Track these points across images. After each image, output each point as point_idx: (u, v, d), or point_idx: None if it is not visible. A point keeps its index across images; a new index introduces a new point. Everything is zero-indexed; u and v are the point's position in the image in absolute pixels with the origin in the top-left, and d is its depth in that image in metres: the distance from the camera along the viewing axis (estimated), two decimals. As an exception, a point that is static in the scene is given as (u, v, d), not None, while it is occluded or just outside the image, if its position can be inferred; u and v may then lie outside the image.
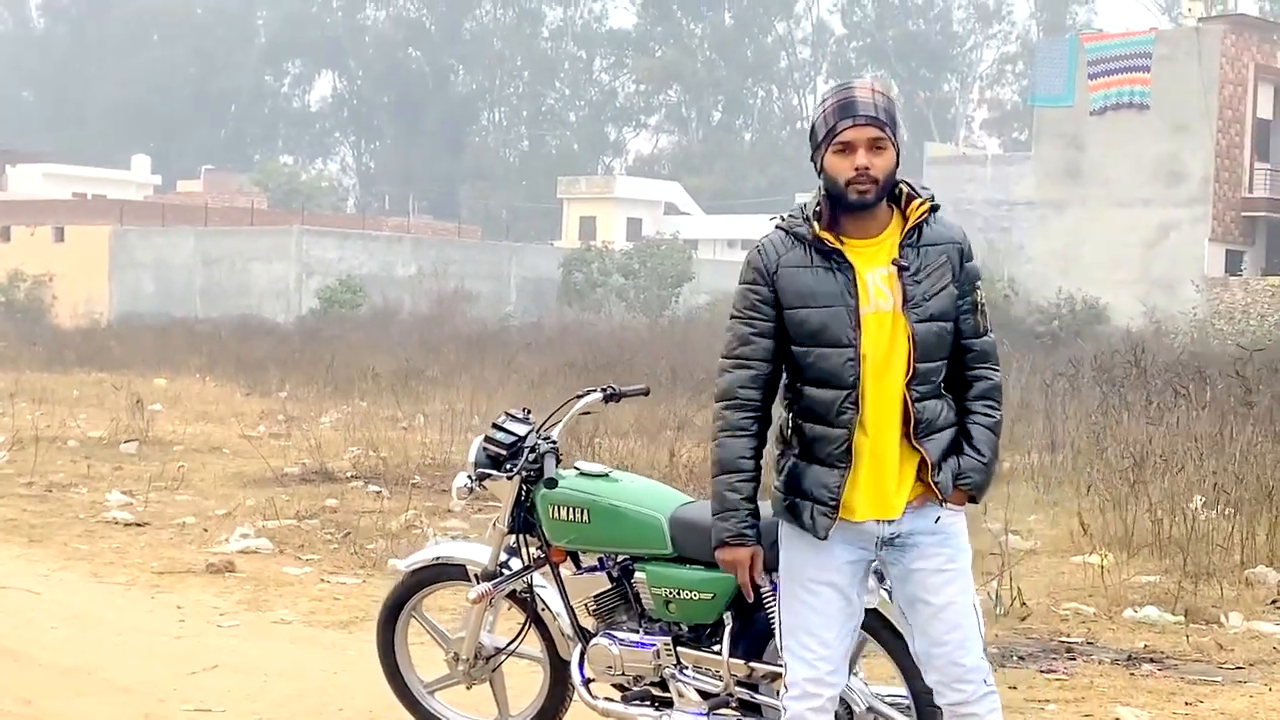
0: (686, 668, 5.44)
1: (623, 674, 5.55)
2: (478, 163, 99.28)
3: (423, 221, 77.14)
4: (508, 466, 5.66)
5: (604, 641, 5.56)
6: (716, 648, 5.43)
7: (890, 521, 4.34)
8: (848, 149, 4.20)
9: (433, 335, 35.67)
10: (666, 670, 5.46)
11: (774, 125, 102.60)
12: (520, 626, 5.92)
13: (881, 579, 4.72)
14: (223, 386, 26.00)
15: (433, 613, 6.41)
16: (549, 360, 26.38)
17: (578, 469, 5.68)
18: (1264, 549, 10.33)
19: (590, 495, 5.53)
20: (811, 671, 4.42)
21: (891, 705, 5.13)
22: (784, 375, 4.44)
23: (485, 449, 5.72)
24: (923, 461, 4.31)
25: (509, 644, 5.97)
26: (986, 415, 4.44)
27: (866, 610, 4.91)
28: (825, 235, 4.28)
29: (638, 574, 5.49)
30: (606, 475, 5.63)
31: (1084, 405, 16.39)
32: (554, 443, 5.64)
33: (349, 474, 14.81)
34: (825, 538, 4.31)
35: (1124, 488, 12.28)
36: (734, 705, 5.33)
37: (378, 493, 13.61)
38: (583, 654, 5.71)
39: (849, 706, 5.11)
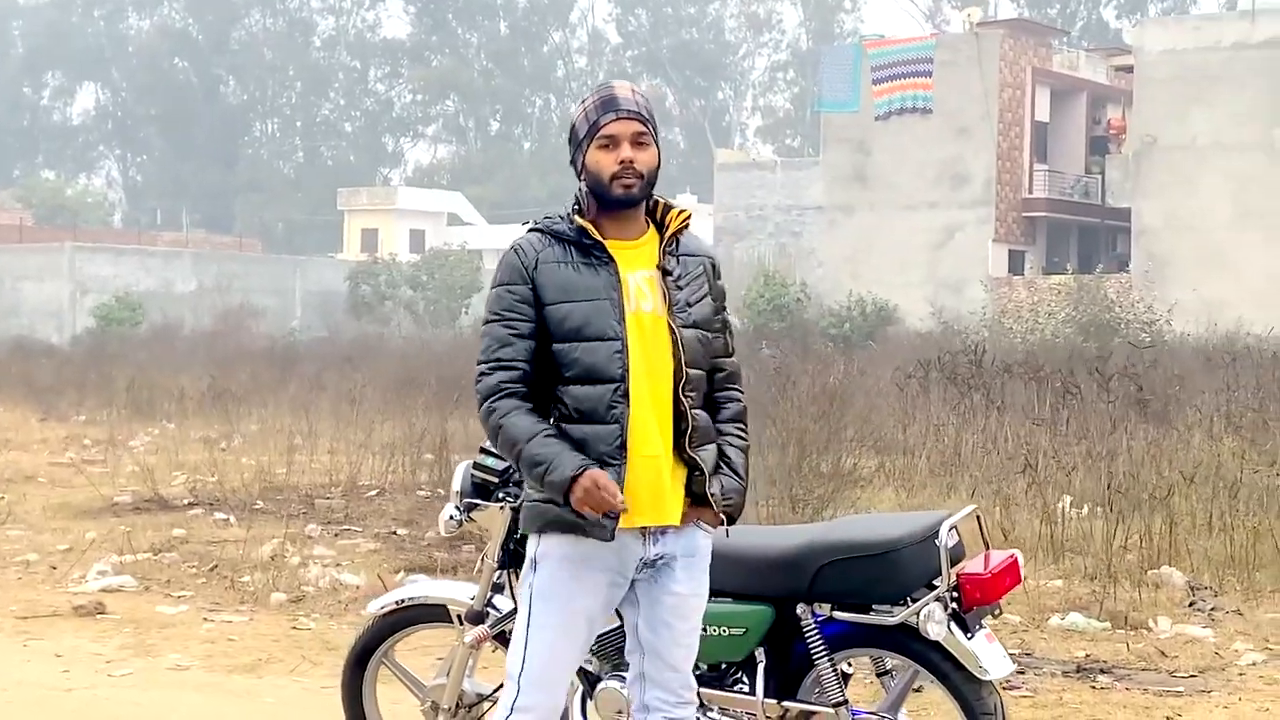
0: (710, 710, 5.01)
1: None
2: (252, 175, 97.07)
3: (199, 235, 75.15)
4: (500, 495, 5.16)
5: (613, 684, 5.10)
6: (741, 686, 5.03)
7: (659, 536, 4.19)
8: (611, 143, 4.14)
9: (219, 352, 34.68)
10: (690, 714, 5.01)
11: (553, 134, 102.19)
12: (508, 670, 5.41)
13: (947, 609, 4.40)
14: (13, 411, 24.70)
15: (404, 658, 5.86)
16: (357, 376, 25.67)
17: None
18: (1160, 549, 10.27)
19: (597, 524, 5.06)
20: (544, 698, 4.25)
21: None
22: (543, 381, 4.20)
23: (473, 476, 5.21)
24: (690, 474, 4.19)
25: (496, 690, 5.46)
26: (739, 438, 4.37)
27: (927, 644, 4.58)
28: (587, 225, 4.17)
29: (653, 608, 5.04)
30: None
31: (934, 407, 16.31)
32: (555, 468, 5.14)
33: (186, 501, 14.04)
34: (612, 539, 4.07)
35: (1003, 490, 12.24)
36: (769, 749, 4.92)
37: (225, 520, 12.91)
38: (584, 698, 5.25)
39: (901, 750, 4.74)
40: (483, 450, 5.21)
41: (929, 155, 47.15)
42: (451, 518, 5.22)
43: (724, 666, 5.06)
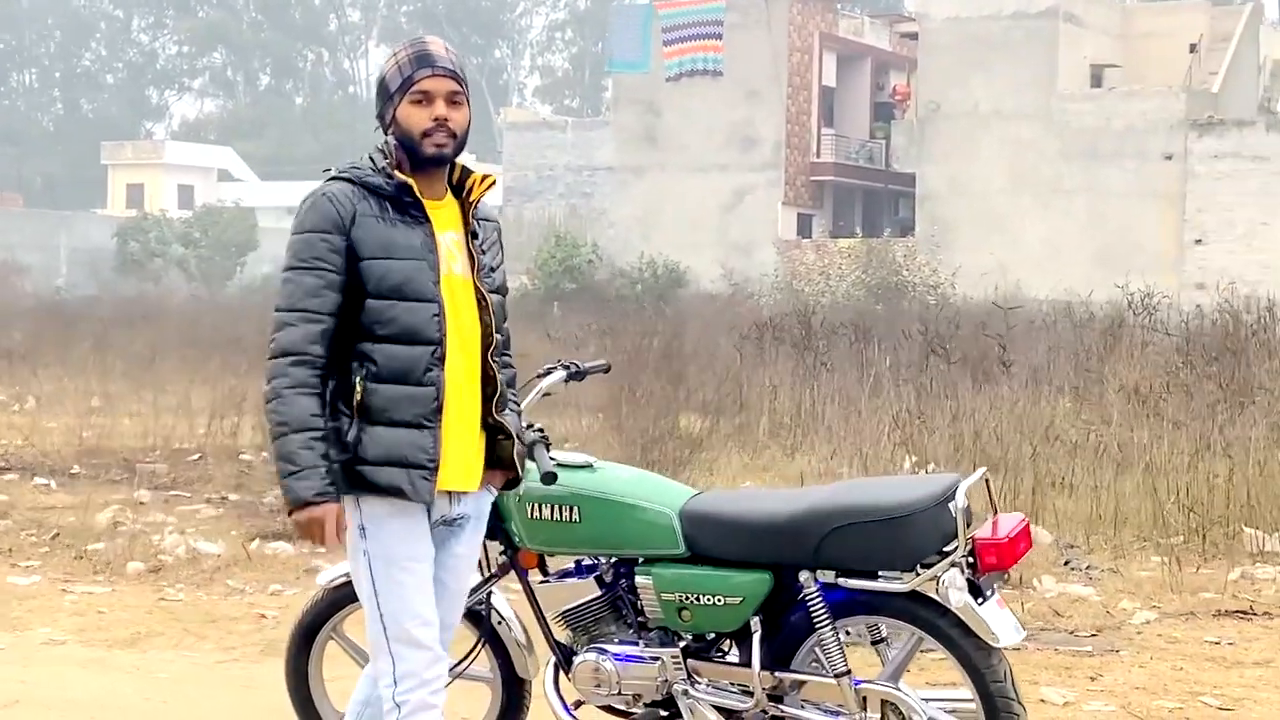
0: (699, 682, 4.79)
1: (619, 693, 4.84)
2: (8, 127, 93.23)
3: (-46, 189, 72.11)
4: None
5: (594, 657, 4.84)
6: (730, 658, 4.82)
7: (461, 498, 4.17)
8: (425, 99, 4.04)
9: (-18, 310, 33.22)
10: (676, 687, 4.78)
11: (326, 90, 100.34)
12: (474, 644, 5.11)
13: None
14: None
15: (355, 633, 5.51)
16: (145, 336, 24.85)
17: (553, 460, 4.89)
18: (1025, 506, 10.34)
19: (581, 490, 4.79)
20: (427, 655, 4.10)
21: (954, 713, 4.61)
22: (347, 336, 4.05)
23: None
24: (491, 438, 4.18)
25: (458, 664, 5.15)
26: (514, 403, 4.35)
27: (936, 611, 4.43)
28: (411, 181, 4.03)
29: (640, 578, 4.80)
30: (589, 466, 4.90)
31: (778, 368, 16.29)
32: (541, 431, 4.86)
33: (-2, 465, 13.38)
34: (430, 501, 4.03)
35: (863, 450, 12.26)
36: (767, 721, 4.71)
37: (45, 485, 12.32)
38: (557, 671, 5.00)
39: (904, 718, 4.57)
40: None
41: (719, 118, 47.32)
42: None
43: (710, 637, 4.84)
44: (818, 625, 4.59)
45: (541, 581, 4.98)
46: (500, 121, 59.39)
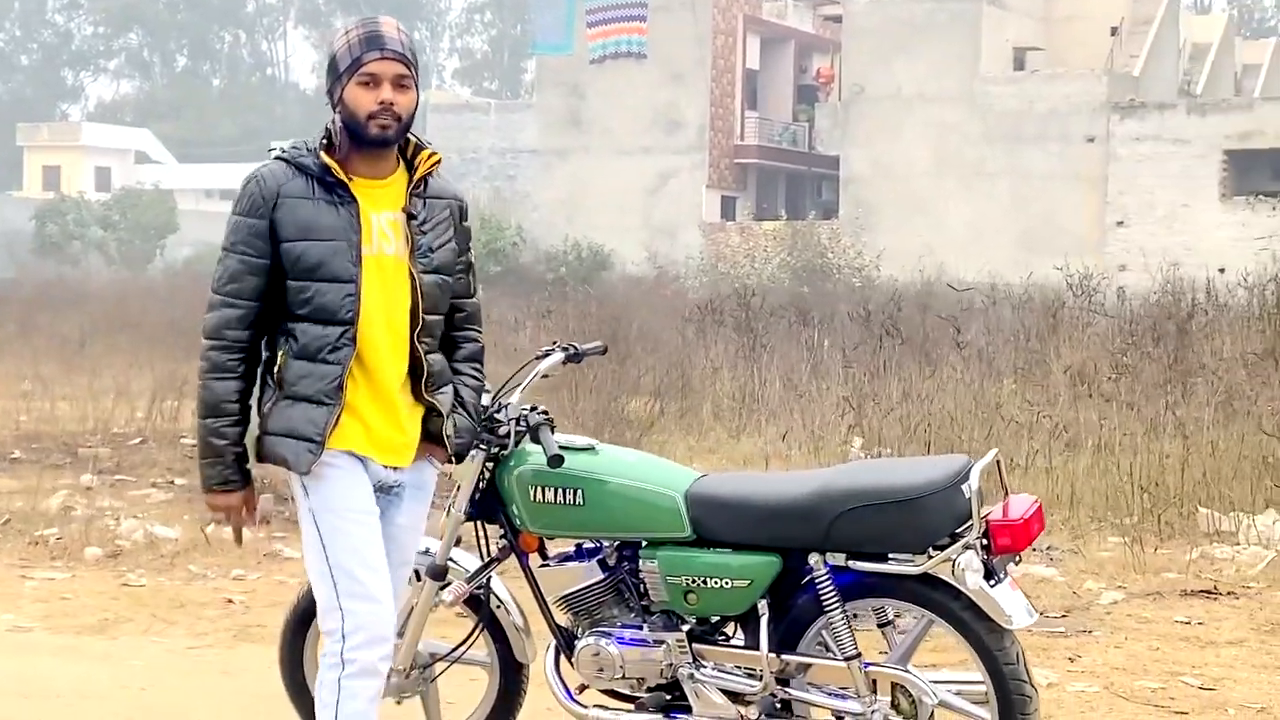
0: (704, 666, 4.76)
1: (623, 677, 4.81)
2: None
3: None
4: (474, 442, 4.80)
5: (597, 641, 4.80)
6: (735, 641, 4.79)
7: (396, 469, 4.25)
8: (373, 82, 4.10)
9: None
10: (682, 671, 4.75)
11: (244, 72, 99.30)
12: (472, 628, 5.07)
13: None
14: None
15: None
16: (71, 319, 24.52)
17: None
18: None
19: (585, 473, 4.75)
20: (380, 608, 4.12)
21: (964, 695, 4.60)
22: (276, 313, 4.20)
23: None
24: (427, 415, 4.27)
25: (455, 649, 5.11)
26: (474, 378, 4.45)
27: (947, 593, 4.43)
28: (332, 164, 4.12)
29: (645, 562, 4.76)
30: (592, 449, 4.86)
31: (722, 350, 16.29)
32: (546, 413, 4.82)
33: (-73, 449, 13.19)
34: (308, 472, 4.11)
35: (816, 433, 12.28)
36: (779, 705, 4.69)
37: (-17, 469, 12.18)
38: (558, 655, 4.96)
39: (915, 701, 4.57)
40: (453, 392, 4.86)
41: (644, 100, 47.25)
42: None
43: (713, 620, 4.82)
44: (827, 608, 4.57)
45: (542, 565, 4.93)
46: (422, 103, 58.89)
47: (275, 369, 4.18)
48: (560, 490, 4.76)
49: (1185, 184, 41.14)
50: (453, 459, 4.42)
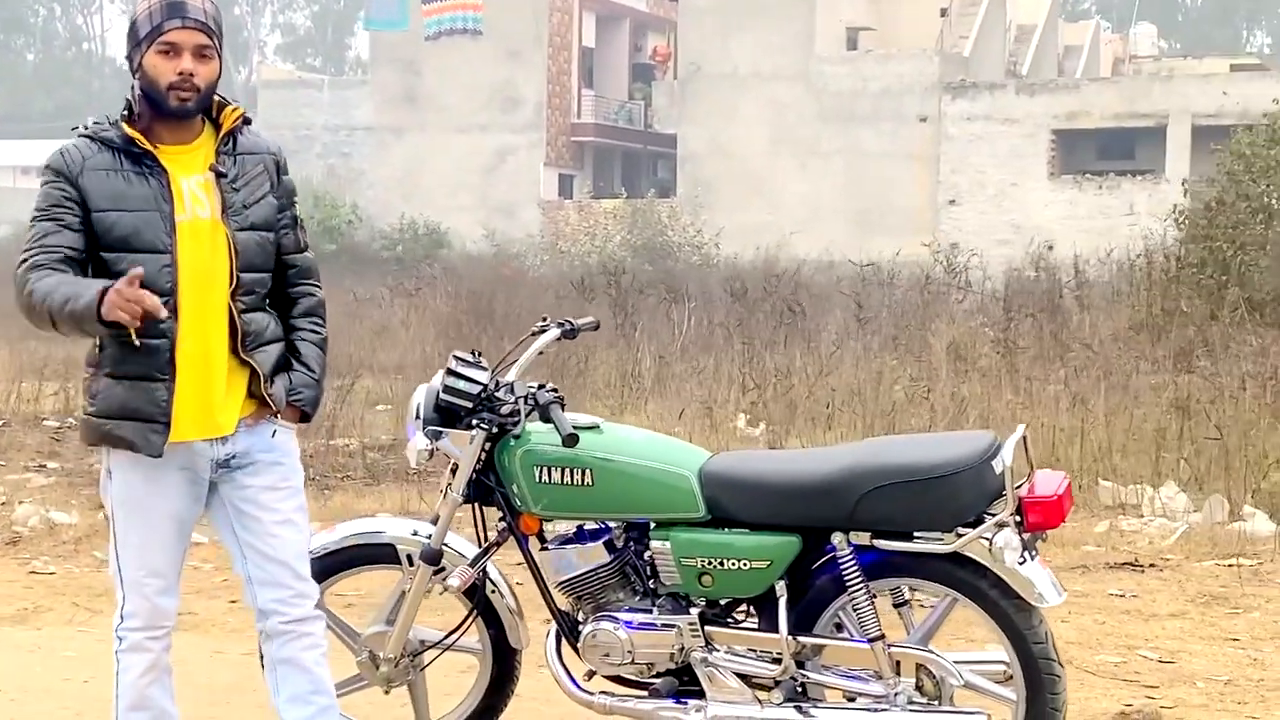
0: (717, 649, 4.64)
1: (631, 662, 4.68)
2: None
3: None
4: (475, 421, 4.64)
5: (605, 625, 4.67)
6: (748, 623, 4.68)
7: (223, 441, 4.18)
8: (173, 51, 4.02)
9: None
10: (694, 655, 4.64)
11: (59, 46, 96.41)
12: (466, 614, 4.90)
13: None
14: None
15: (336, 605, 5.25)
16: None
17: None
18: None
19: (594, 452, 4.60)
20: (153, 606, 4.22)
21: (988, 675, 4.55)
22: None
23: (441, 400, 4.67)
24: (254, 376, 4.19)
25: (448, 636, 4.95)
26: (314, 332, 4.39)
27: (975, 572, 4.36)
28: (136, 135, 4.06)
29: (656, 543, 4.64)
30: (597, 427, 4.71)
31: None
32: (555, 390, 4.66)
33: None
34: (160, 455, 4.07)
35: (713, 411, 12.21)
36: (799, 688, 4.59)
37: None
38: (559, 640, 4.81)
39: (939, 682, 4.50)
40: (451, 372, 4.69)
41: (480, 77, 46.83)
42: (423, 449, 4.68)
43: (724, 602, 4.70)
44: (851, 588, 4.50)
45: (543, 548, 4.77)
46: (253, 80, 57.83)
47: (98, 346, 4.10)
48: (568, 470, 4.62)
49: (1014, 163, 41.91)
50: (304, 418, 4.35)
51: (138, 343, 3.95)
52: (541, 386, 4.67)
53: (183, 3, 4.02)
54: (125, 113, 4.10)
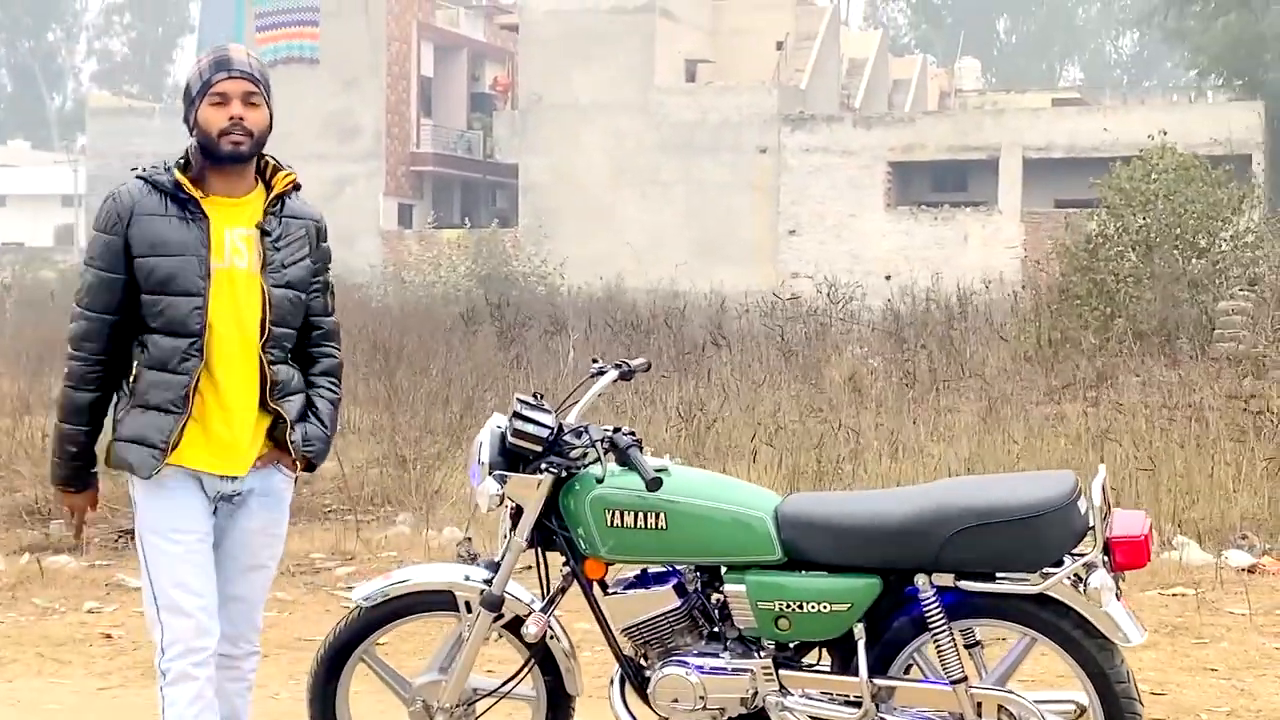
0: (792, 693, 4.59)
1: (703, 708, 4.61)
2: None
3: None
4: (544, 465, 4.55)
5: (675, 670, 4.60)
6: (822, 666, 4.64)
7: (233, 479, 4.40)
8: (223, 100, 4.32)
9: None
10: (770, 699, 4.58)
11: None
12: (525, 661, 4.81)
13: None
14: None
15: (387, 653, 5.08)
16: None
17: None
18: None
19: (668, 496, 4.53)
20: (193, 622, 4.30)
21: (1065, 715, 4.55)
22: (136, 325, 4.39)
23: (514, 444, 4.57)
24: (274, 423, 4.42)
25: (505, 683, 4.84)
26: (330, 391, 4.61)
27: (1058, 612, 4.37)
28: (183, 180, 4.33)
29: (730, 587, 4.58)
30: (666, 470, 4.64)
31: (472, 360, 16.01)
32: (633, 434, 4.57)
33: None
34: (149, 478, 4.31)
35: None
36: (878, 731, 4.55)
37: None
38: (623, 684, 4.72)
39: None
40: (519, 416, 4.59)
41: (317, 106, 46.25)
42: (494, 494, 4.57)
43: (793, 645, 4.65)
44: (933, 630, 4.47)
45: (609, 593, 4.68)
46: (68, 107, 56.43)
47: (131, 378, 4.38)
48: (641, 514, 4.55)
49: (852, 194, 42.56)
50: (310, 468, 4.54)
51: (178, 309, 4.26)
52: (617, 429, 4.59)
53: (229, 58, 4.35)
54: (181, 160, 4.36)
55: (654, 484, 4.42)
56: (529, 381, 15.20)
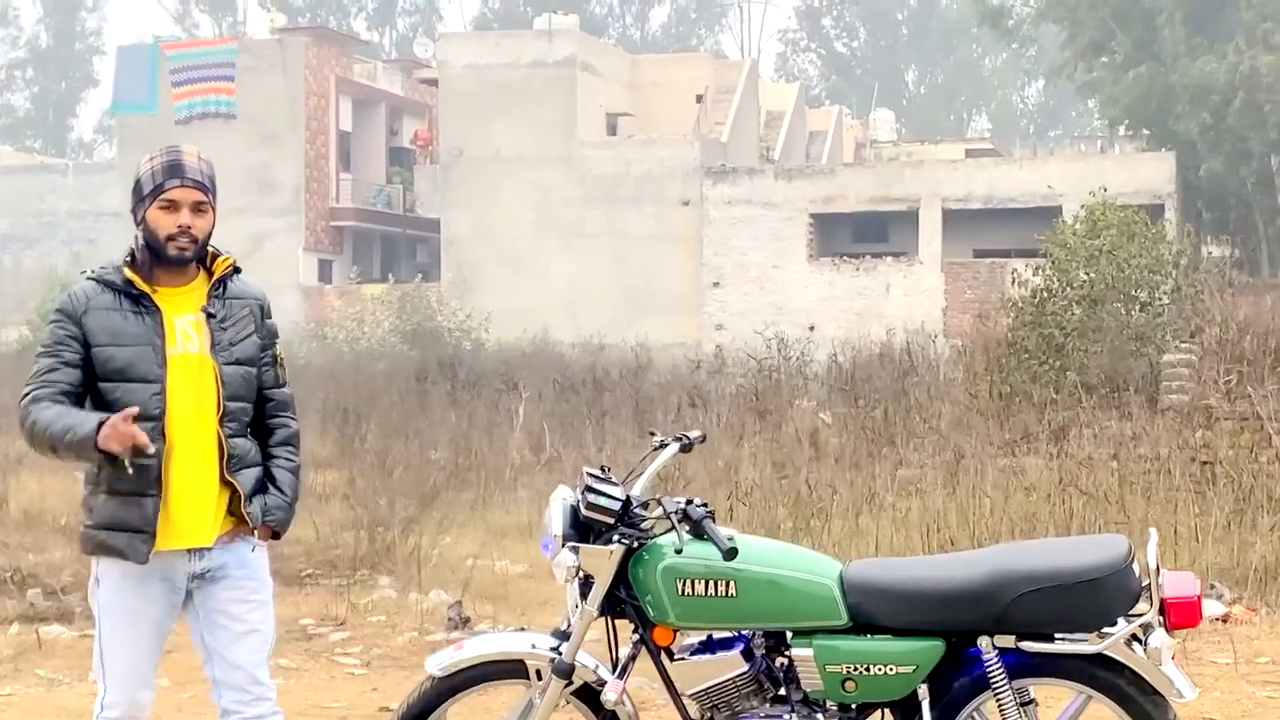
0: (854, 754, 4.73)
1: (771, 768, 4.73)
2: None
3: None
4: (616, 537, 4.69)
5: (726, 737, 4.71)
6: (887, 726, 4.79)
7: (203, 553, 4.64)
8: (172, 206, 4.56)
9: None
10: (836, 759, 4.71)
11: None
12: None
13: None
14: None
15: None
16: None
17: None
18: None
19: (737, 564, 4.67)
20: (131, 698, 4.65)
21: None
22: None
23: (584, 516, 4.71)
24: (234, 495, 4.65)
25: (569, 751, 4.93)
26: (289, 460, 4.85)
27: (1115, 671, 4.54)
28: (134, 278, 4.58)
29: (798, 651, 4.70)
30: (733, 538, 4.77)
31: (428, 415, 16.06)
32: (706, 505, 4.71)
33: None
34: (146, 562, 4.52)
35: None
36: (945, 789, 4.69)
37: None
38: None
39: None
40: (590, 489, 4.72)
41: (235, 161, 45.79)
42: (571, 565, 4.70)
43: (856, 707, 4.79)
44: (995, 689, 4.62)
45: (676, 659, 4.80)
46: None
47: (97, 466, 4.54)
48: (711, 583, 4.68)
49: (775, 246, 42.95)
50: (275, 536, 4.79)
51: (130, 470, 4.39)
52: (690, 502, 4.72)
53: (181, 164, 4.58)
54: (128, 258, 4.63)
55: (730, 554, 4.56)
56: (489, 441, 15.32)
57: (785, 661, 4.77)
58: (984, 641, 4.62)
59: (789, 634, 4.74)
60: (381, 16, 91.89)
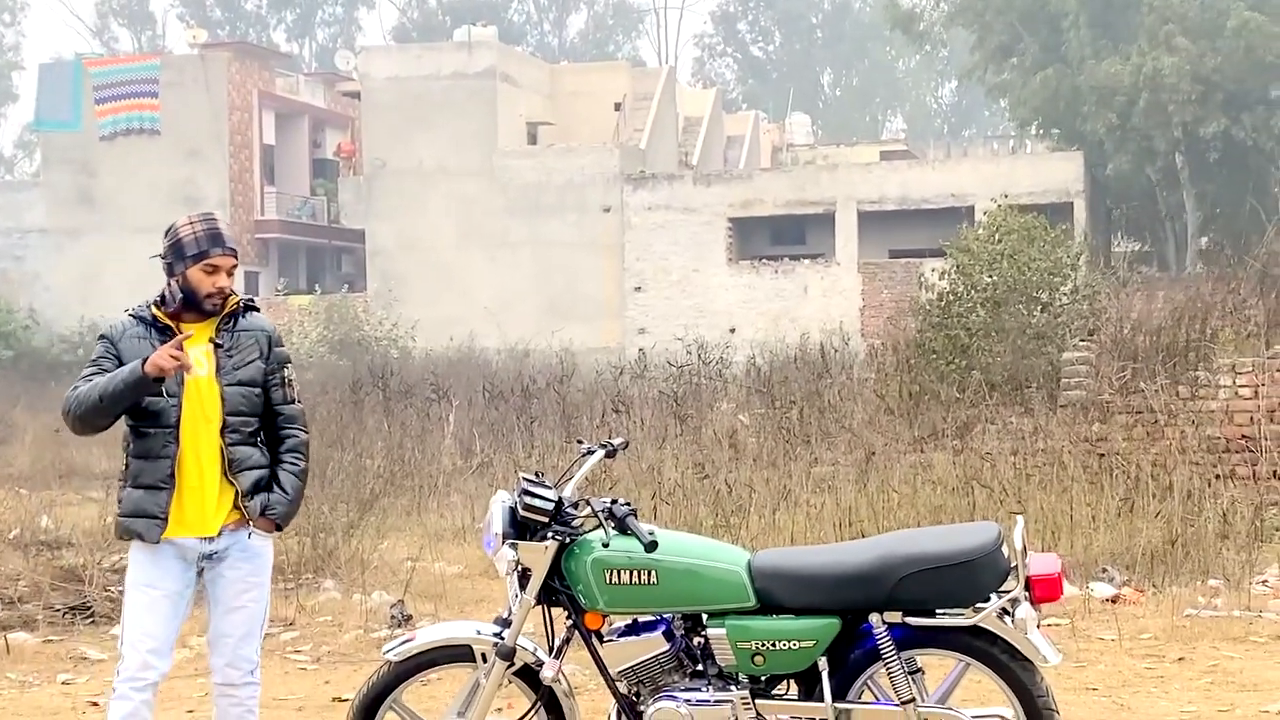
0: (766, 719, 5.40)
1: (693, 736, 5.38)
2: None
3: None
4: (550, 534, 5.34)
5: (667, 704, 5.38)
6: (791, 695, 5.44)
7: (210, 539, 5.53)
8: (214, 271, 5.51)
9: None
10: (749, 727, 5.37)
11: None
12: (533, 703, 5.57)
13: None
14: None
15: (413, 701, 5.78)
16: None
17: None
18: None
19: (657, 555, 5.32)
20: (143, 659, 5.43)
21: (995, 729, 5.41)
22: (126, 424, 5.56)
23: (524, 517, 5.35)
24: (238, 493, 5.53)
25: (518, 721, 5.58)
26: (293, 464, 5.73)
27: (989, 641, 5.20)
28: (161, 316, 5.55)
29: (713, 630, 5.37)
30: (653, 533, 5.42)
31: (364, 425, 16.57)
32: (629, 504, 5.36)
33: None
34: (158, 542, 5.45)
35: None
36: (844, 751, 5.36)
37: None
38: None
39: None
40: (526, 492, 5.35)
41: (160, 176, 46.19)
42: (512, 559, 5.34)
43: (765, 679, 5.44)
44: (885, 659, 5.30)
45: (605, 641, 5.45)
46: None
47: (124, 465, 5.57)
48: (635, 572, 5.34)
49: (695, 250, 43.63)
50: (278, 528, 5.67)
51: (160, 405, 5.42)
52: (615, 501, 5.37)
53: (220, 234, 5.55)
54: (158, 299, 5.57)
55: (651, 546, 5.23)
56: (422, 448, 15.86)
57: (702, 640, 5.43)
58: (875, 618, 5.31)
59: (704, 616, 5.40)
60: (301, 28, 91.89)
